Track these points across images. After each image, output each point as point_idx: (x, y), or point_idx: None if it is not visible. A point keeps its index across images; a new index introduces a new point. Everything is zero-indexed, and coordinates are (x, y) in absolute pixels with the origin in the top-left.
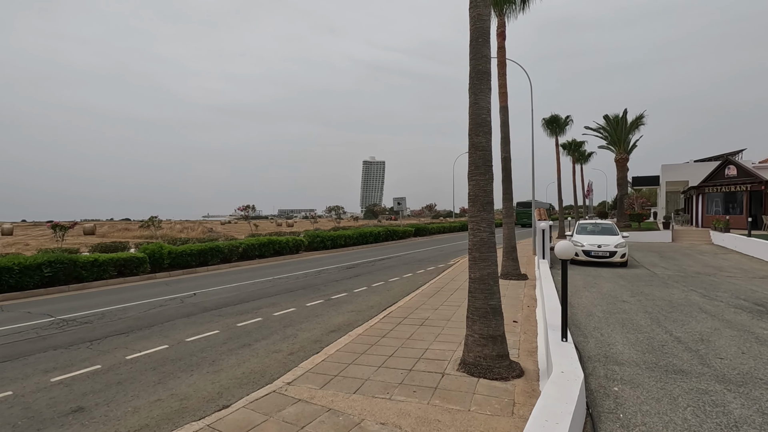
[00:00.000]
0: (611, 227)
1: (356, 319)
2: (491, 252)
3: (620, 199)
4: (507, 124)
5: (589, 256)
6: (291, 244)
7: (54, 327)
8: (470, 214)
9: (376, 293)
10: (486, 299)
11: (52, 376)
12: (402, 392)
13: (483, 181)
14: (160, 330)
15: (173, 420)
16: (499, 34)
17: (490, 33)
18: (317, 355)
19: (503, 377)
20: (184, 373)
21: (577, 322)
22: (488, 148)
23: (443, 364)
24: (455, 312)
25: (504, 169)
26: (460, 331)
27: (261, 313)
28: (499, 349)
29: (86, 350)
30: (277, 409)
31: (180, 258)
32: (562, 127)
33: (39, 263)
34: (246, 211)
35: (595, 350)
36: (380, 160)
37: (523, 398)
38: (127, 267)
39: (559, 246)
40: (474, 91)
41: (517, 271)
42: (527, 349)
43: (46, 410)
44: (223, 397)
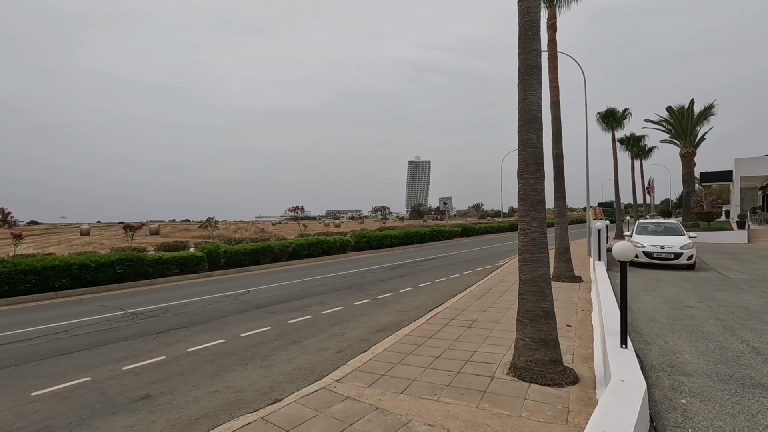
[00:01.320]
0: (676, 227)
1: (402, 319)
2: (542, 253)
3: (686, 196)
4: (558, 119)
5: (650, 258)
6: (338, 244)
7: (124, 320)
8: (520, 213)
9: (422, 294)
10: (537, 302)
11: (123, 365)
12: (450, 394)
13: (533, 179)
14: (217, 325)
15: (229, 411)
16: (550, 26)
17: (540, 26)
18: (364, 354)
19: (556, 383)
20: (238, 366)
21: (637, 329)
22: (539, 145)
23: (492, 368)
24: (504, 314)
25: (556, 167)
26: (509, 334)
27: (310, 311)
28: (551, 354)
29: (152, 342)
30: (326, 405)
31: (234, 257)
32: (620, 121)
33: (112, 261)
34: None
35: (658, 359)
36: (425, 160)
37: (578, 406)
38: (187, 265)
39: (618, 247)
40: (523, 86)
41: (570, 273)
42: (582, 355)
43: (118, 396)
44: (275, 391)
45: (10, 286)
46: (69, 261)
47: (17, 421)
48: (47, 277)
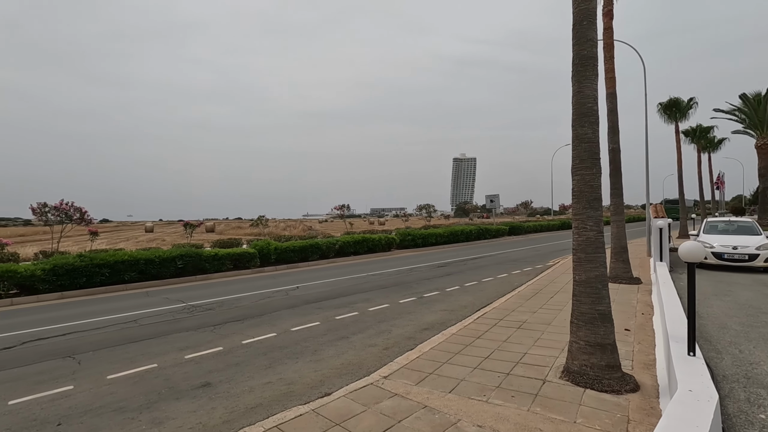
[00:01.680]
0: (751, 225)
1: (449, 319)
2: (598, 253)
3: (763, 192)
4: (615, 111)
5: (720, 260)
6: (383, 242)
7: (185, 312)
8: (575, 211)
9: (468, 293)
10: (593, 304)
11: (185, 354)
12: (499, 396)
13: (589, 175)
14: (269, 319)
15: (282, 402)
16: (606, 14)
17: (595, 14)
18: (411, 352)
19: (614, 390)
20: (290, 359)
21: (706, 335)
22: (595, 139)
23: (544, 371)
24: (556, 316)
25: (612, 162)
26: (562, 337)
27: (356, 307)
28: (608, 359)
29: (210, 333)
30: (375, 401)
31: (284, 254)
32: (684, 112)
33: (173, 256)
34: (341, 210)
35: (732, 369)
36: (471, 157)
37: (640, 416)
38: (240, 261)
39: (686, 247)
40: (578, 78)
41: (628, 274)
42: (643, 362)
43: (181, 382)
44: (325, 385)
45: (87, 278)
46: (136, 256)
47: (96, 401)
48: (118, 270)
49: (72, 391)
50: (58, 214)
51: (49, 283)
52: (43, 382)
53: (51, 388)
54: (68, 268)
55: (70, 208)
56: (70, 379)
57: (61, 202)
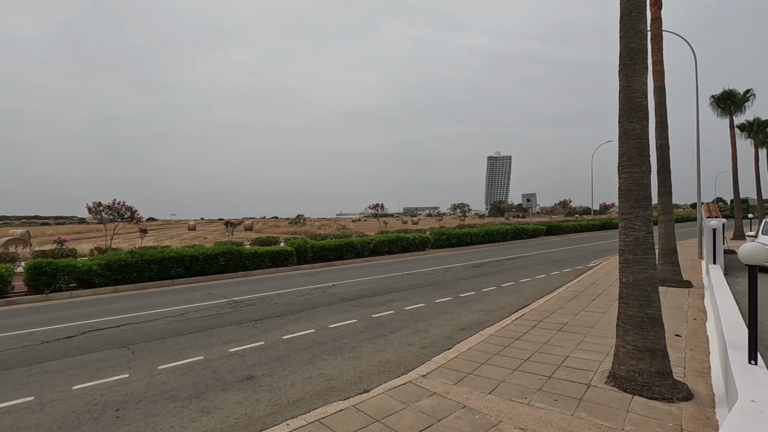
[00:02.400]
0: None
1: (486, 319)
2: (648, 254)
3: None
4: (664, 106)
5: None
6: (417, 242)
7: (228, 307)
8: (622, 210)
9: (506, 293)
10: (642, 307)
11: (229, 347)
12: (541, 399)
13: (638, 173)
14: (308, 315)
15: (323, 397)
16: (654, 3)
17: (645, 4)
18: (449, 352)
19: (665, 398)
20: (329, 356)
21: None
22: (644, 135)
23: (588, 375)
24: (599, 319)
25: (660, 159)
26: (606, 341)
27: (393, 306)
28: (659, 365)
29: (252, 328)
30: (414, 399)
31: (320, 252)
32: (740, 105)
33: (216, 254)
34: (375, 209)
35: None
36: (506, 155)
37: (694, 425)
38: (278, 258)
39: (747, 248)
40: (626, 72)
41: (677, 276)
42: (696, 369)
43: (227, 375)
44: (364, 381)
45: (138, 273)
46: (182, 253)
47: (150, 390)
48: (166, 266)
49: (128, 379)
50: (111, 213)
51: (104, 278)
52: (102, 370)
53: (109, 375)
54: (121, 263)
55: (122, 207)
56: (125, 368)
57: (114, 201)
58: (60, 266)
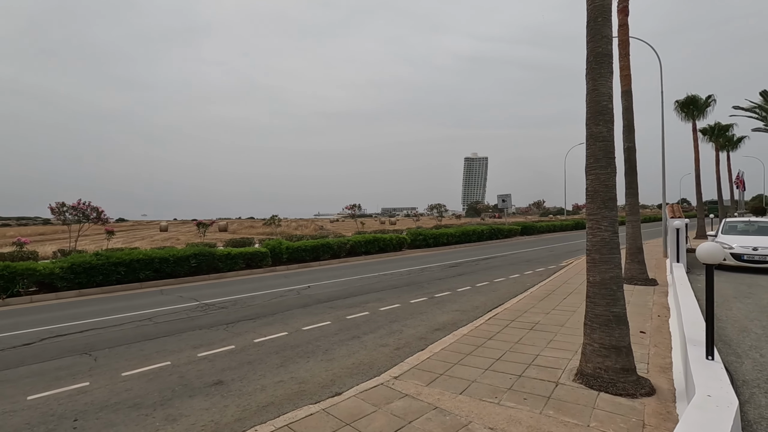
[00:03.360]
0: None
1: (461, 319)
2: (614, 254)
3: None
4: (630, 110)
5: (740, 261)
6: (394, 242)
7: (199, 310)
8: (589, 211)
9: (480, 293)
10: (608, 305)
11: (198, 352)
12: (511, 398)
13: (604, 174)
14: (281, 318)
15: (293, 401)
16: (621, 10)
17: (610, 10)
18: (422, 353)
19: (629, 393)
20: (301, 359)
21: (726, 339)
22: (610, 138)
23: (557, 373)
24: (569, 317)
25: (627, 161)
26: (575, 339)
27: (368, 307)
28: (623, 362)
29: (223, 332)
30: (386, 401)
31: (296, 253)
32: (702, 110)
33: (188, 255)
34: (353, 210)
35: (752, 373)
36: (483, 156)
37: (656, 420)
38: (253, 260)
39: (705, 248)
40: (593, 76)
41: (643, 275)
42: (659, 365)
43: (195, 380)
44: (336, 384)
45: (104, 276)
46: (152, 255)
47: (112, 398)
48: (134, 269)
49: (88, 387)
50: (76, 214)
51: (68, 281)
52: (61, 378)
53: (68, 384)
54: (86, 266)
55: (87, 208)
56: (87, 376)
57: (79, 202)
58: (18, 269)
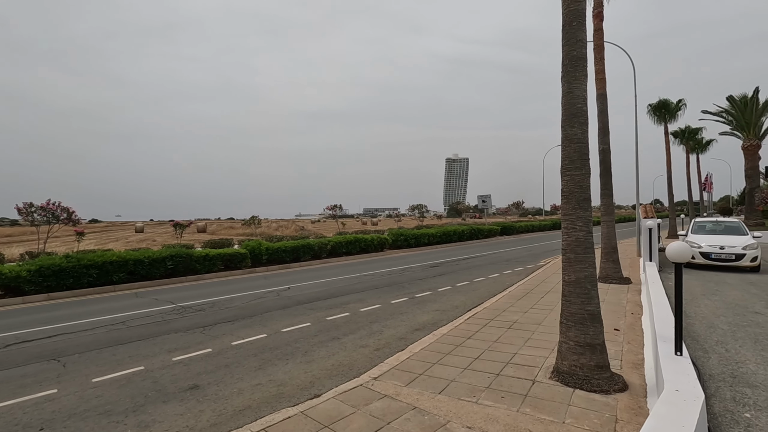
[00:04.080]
0: (737, 226)
1: (441, 319)
2: (588, 253)
3: (749, 192)
4: (605, 113)
5: (708, 259)
6: (376, 242)
7: (175, 313)
8: (564, 211)
9: (460, 293)
10: (582, 304)
11: (173, 356)
12: (489, 397)
13: (579, 176)
14: (260, 320)
15: (271, 404)
16: (596, 15)
17: (585, 15)
18: (402, 353)
19: (603, 390)
20: (280, 361)
21: (694, 335)
22: (584, 140)
23: (534, 371)
24: (547, 316)
25: (602, 163)
26: (552, 337)
27: (349, 308)
28: (598, 359)
29: (200, 335)
30: (365, 402)
31: (276, 254)
32: (673, 113)
33: (164, 257)
34: (334, 211)
35: (718, 368)
36: (464, 157)
37: (628, 415)
38: (232, 261)
39: (673, 247)
40: (568, 79)
41: (618, 274)
42: (632, 362)
43: (169, 385)
44: (315, 386)
45: (75, 279)
46: (125, 256)
47: (81, 405)
48: (107, 271)
49: (56, 394)
50: (45, 214)
51: (35, 285)
52: (27, 386)
53: (35, 391)
54: (55, 269)
55: (57, 208)
56: (54, 383)
57: (48, 202)
58: None
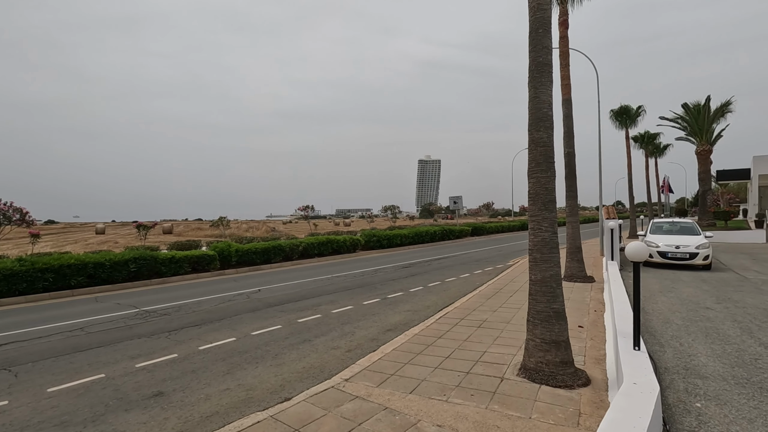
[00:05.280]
0: (691, 226)
1: (412, 319)
2: (553, 253)
3: (702, 195)
4: (570, 117)
5: (665, 258)
6: (348, 243)
7: (138, 317)
8: (531, 213)
9: (432, 293)
10: (548, 302)
11: (137, 362)
12: (459, 395)
13: (544, 178)
14: (229, 323)
15: (240, 409)
16: (561, 23)
17: (551, 22)
18: (374, 354)
19: (567, 385)
20: (249, 365)
21: (651, 330)
22: (550, 143)
23: (502, 369)
24: (515, 314)
25: (567, 165)
26: (520, 335)
27: (320, 310)
28: (562, 356)
29: (165, 340)
30: (336, 404)
31: (246, 256)
32: (634, 119)
33: (126, 260)
34: (306, 211)
35: (673, 361)
36: (436, 159)
37: (590, 409)
38: (199, 264)
39: (631, 247)
40: (534, 84)
41: (582, 273)
42: (594, 357)
43: (132, 392)
44: (285, 389)
45: (29, 283)
46: (85, 259)
47: (35, 417)
48: (64, 275)
49: (7, 406)
50: None
51: None
52: None
53: None
54: (6, 273)
55: (8, 209)
56: (5, 394)
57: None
58: None
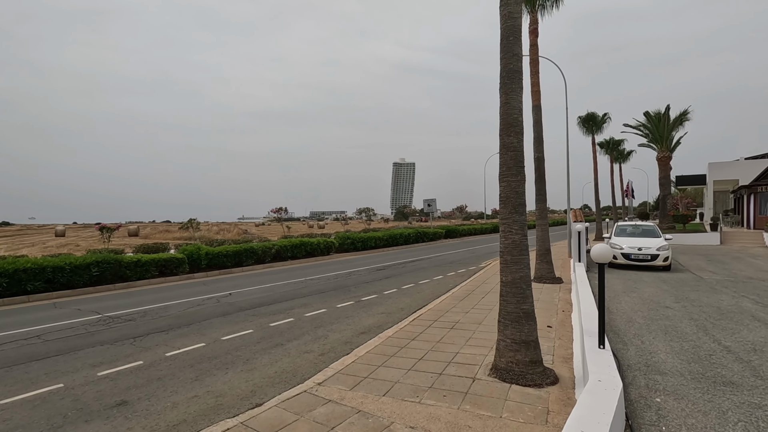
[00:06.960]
0: (653, 229)
1: (386, 321)
2: (524, 255)
3: (663, 199)
4: (540, 123)
5: (628, 260)
6: (322, 246)
7: (101, 324)
8: (502, 216)
9: (406, 295)
10: (518, 303)
11: (99, 371)
12: (432, 396)
13: (515, 182)
14: (198, 328)
15: (209, 416)
16: (532, 31)
17: (521, 30)
18: (347, 357)
19: (537, 384)
20: (219, 370)
21: (615, 329)
22: (520, 148)
23: (474, 369)
24: (487, 315)
25: (537, 170)
26: (491, 335)
27: (293, 313)
28: (532, 355)
29: (130, 346)
30: (308, 408)
31: (216, 259)
32: (599, 126)
33: (88, 263)
34: (279, 213)
35: (635, 358)
36: (410, 162)
37: (558, 406)
38: (167, 267)
39: (596, 249)
40: (505, 90)
41: (551, 274)
42: (562, 356)
43: (93, 402)
44: (257, 395)
45: None
46: (42, 263)
47: None
48: (19, 280)
49: None
50: None
51: None
52: None
53: None
54: None
55: None
56: None
57: None
58: None
